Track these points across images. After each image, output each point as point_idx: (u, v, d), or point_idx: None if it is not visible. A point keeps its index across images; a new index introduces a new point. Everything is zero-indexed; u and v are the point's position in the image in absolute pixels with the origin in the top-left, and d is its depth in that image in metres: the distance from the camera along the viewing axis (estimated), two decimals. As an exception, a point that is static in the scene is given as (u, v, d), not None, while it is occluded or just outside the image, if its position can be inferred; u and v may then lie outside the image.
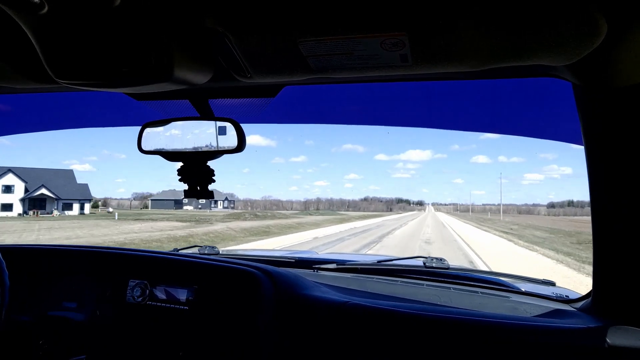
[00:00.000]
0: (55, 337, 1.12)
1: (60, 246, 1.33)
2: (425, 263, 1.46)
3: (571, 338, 0.85)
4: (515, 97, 1.11)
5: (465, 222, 41.11)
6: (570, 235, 20.68)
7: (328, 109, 1.35)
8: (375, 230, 22.40)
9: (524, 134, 1.35)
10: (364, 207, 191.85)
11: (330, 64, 0.69)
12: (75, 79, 0.62)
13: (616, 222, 0.83)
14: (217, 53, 0.70)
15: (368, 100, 1.25)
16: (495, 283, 1.35)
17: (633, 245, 0.81)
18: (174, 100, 1.00)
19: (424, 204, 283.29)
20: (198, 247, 1.75)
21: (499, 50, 0.63)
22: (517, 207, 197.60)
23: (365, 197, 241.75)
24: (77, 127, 1.66)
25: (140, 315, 1.12)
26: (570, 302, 1.16)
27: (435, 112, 1.32)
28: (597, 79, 0.75)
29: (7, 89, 0.91)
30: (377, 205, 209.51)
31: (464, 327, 0.93)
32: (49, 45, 0.59)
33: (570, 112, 0.89)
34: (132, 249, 1.33)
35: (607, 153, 0.81)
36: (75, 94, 1.17)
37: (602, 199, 0.85)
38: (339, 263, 1.48)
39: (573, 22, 0.56)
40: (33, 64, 0.70)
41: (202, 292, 1.09)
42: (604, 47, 0.62)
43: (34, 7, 0.49)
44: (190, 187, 0.94)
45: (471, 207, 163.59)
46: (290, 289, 1.10)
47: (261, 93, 0.97)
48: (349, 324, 1.00)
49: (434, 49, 0.63)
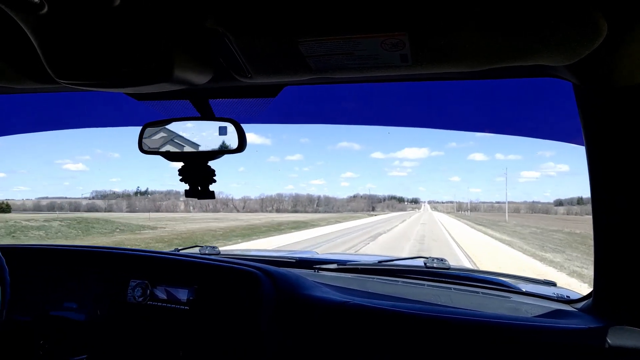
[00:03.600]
0: (56, 337, 1.12)
1: (61, 246, 1.33)
2: (425, 263, 1.46)
3: (572, 338, 0.85)
4: (515, 97, 1.11)
5: (490, 234, 20.55)
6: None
7: (328, 109, 1.35)
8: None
9: (524, 134, 1.35)
10: (337, 206, 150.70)
11: (331, 64, 0.69)
12: (75, 79, 0.62)
13: (617, 222, 0.83)
14: (217, 53, 0.70)
15: (368, 100, 1.25)
16: (496, 283, 1.35)
17: (634, 245, 0.81)
18: (174, 101, 1.00)
19: (420, 202, 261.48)
20: (199, 247, 1.75)
21: (499, 50, 0.63)
22: (530, 205, 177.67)
23: (355, 194, 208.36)
24: (77, 127, 1.66)
25: (141, 315, 1.12)
26: (571, 303, 1.16)
27: (435, 112, 1.32)
28: (598, 78, 0.75)
29: (7, 89, 0.91)
30: (358, 204, 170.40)
31: (464, 327, 0.93)
32: (49, 45, 0.59)
33: (571, 112, 0.89)
34: (133, 249, 1.33)
35: (608, 153, 0.81)
36: (75, 94, 1.17)
37: (603, 199, 0.85)
38: (340, 263, 1.48)
39: (573, 23, 0.56)
40: (33, 64, 0.70)
41: (202, 292, 1.09)
42: (604, 47, 0.62)
43: (34, 7, 0.49)
44: (191, 187, 0.94)
45: (469, 205, 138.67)
46: (291, 289, 1.10)
47: (262, 93, 0.97)
48: (350, 324, 1.00)
49: (434, 49, 0.63)
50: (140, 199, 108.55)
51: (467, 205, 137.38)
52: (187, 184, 0.94)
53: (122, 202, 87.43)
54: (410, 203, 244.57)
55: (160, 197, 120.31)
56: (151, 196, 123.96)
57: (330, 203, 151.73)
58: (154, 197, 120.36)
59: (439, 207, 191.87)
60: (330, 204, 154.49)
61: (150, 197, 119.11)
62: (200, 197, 0.95)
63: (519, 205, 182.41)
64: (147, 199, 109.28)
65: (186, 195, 0.95)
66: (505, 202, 77.79)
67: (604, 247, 0.87)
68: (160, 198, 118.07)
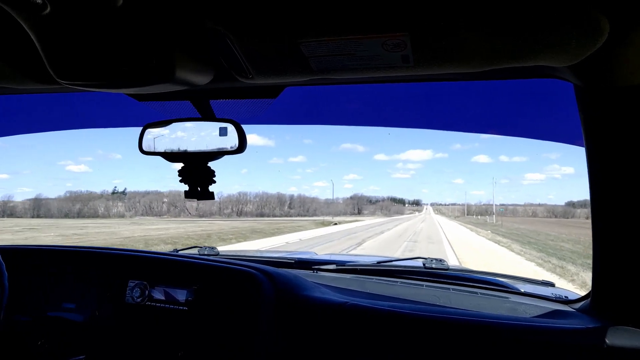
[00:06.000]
0: (54, 338, 1.12)
1: (60, 247, 1.33)
2: (424, 264, 1.46)
3: (570, 338, 0.85)
4: (516, 98, 1.11)
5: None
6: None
7: (329, 110, 1.36)
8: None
9: (525, 135, 1.35)
10: (314, 208, 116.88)
11: (332, 64, 0.70)
12: (76, 79, 0.62)
13: (616, 223, 0.83)
14: (218, 54, 0.70)
15: (369, 101, 1.25)
16: (495, 284, 1.35)
17: (632, 246, 0.81)
18: (175, 101, 1.00)
19: (422, 204, 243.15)
20: (197, 248, 1.75)
21: (500, 51, 0.63)
22: (550, 208, 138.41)
23: (354, 194, 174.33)
24: (78, 127, 1.66)
25: (139, 315, 1.12)
26: (570, 303, 1.16)
27: (437, 113, 1.32)
28: (599, 79, 0.75)
29: (8, 89, 0.91)
30: (337, 206, 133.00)
31: (463, 327, 0.93)
32: (51, 46, 0.59)
33: (571, 113, 0.89)
34: (132, 250, 1.33)
35: (608, 154, 0.82)
36: (76, 95, 1.17)
37: (603, 200, 0.85)
38: (339, 264, 1.48)
39: (575, 24, 0.56)
40: (34, 64, 0.70)
41: (201, 292, 1.09)
42: (605, 48, 0.62)
43: (36, 7, 0.49)
44: (190, 188, 0.94)
45: (494, 209, 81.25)
46: (290, 289, 1.10)
47: (262, 94, 0.97)
48: (349, 324, 1.00)
49: (436, 49, 0.63)
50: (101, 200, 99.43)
51: (493, 208, 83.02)
52: (186, 184, 0.94)
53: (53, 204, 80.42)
54: (411, 205, 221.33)
55: (138, 198, 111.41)
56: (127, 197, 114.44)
57: (306, 204, 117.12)
58: (130, 196, 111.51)
59: (442, 210, 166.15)
60: (306, 205, 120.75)
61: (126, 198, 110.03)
62: (200, 198, 0.95)
63: (535, 209, 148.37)
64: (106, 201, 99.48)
65: (186, 196, 0.95)
66: (508, 204, 59.98)
67: (603, 247, 0.88)
68: (139, 199, 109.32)
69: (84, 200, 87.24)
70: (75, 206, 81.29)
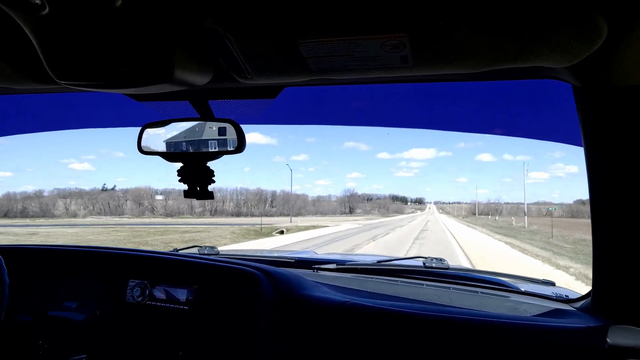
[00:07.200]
0: (55, 337, 1.12)
1: (60, 246, 1.33)
2: (425, 263, 1.46)
3: (571, 337, 0.85)
4: (515, 98, 1.11)
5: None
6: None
7: (328, 110, 1.35)
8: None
9: (524, 135, 1.35)
10: (299, 207, 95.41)
11: (331, 65, 0.69)
12: (75, 79, 0.62)
13: (616, 222, 0.83)
14: (217, 54, 0.70)
15: (368, 101, 1.25)
16: (495, 283, 1.35)
17: (632, 245, 0.82)
18: (174, 102, 1.00)
19: (425, 203, 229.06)
20: (198, 247, 1.75)
21: (499, 52, 0.63)
22: (570, 208, 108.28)
23: (356, 193, 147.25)
24: (77, 127, 1.66)
25: (140, 315, 1.12)
26: (570, 302, 1.16)
27: (435, 114, 1.32)
28: (598, 80, 0.75)
29: (7, 89, 0.91)
30: (329, 205, 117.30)
31: (463, 326, 0.93)
32: (50, 46, 0.59)
33: (570, 114, 0.89)
34: (132, 249, 1.33)
35: (607, 154, 0.82)
36: (75, 95, 1.17)
37: (602, 200, 0.85)
38: (339, 263, 1.48)
39: (574, 24, 0.56)
40: (33, 64, 0.70)
41: (201, 292, 1.09)
42: (604, 48, 0.62)
43: (35, 8, 0.49)
44: (190, 187, 0.94)
45: (525, 208, 37.99)
46: (290, 289, 1.10)
47: (261, 94, 0.97)
48: (349, 323, 1.00)
49: (435, 50, 0.63)
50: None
51: (525, 208, 42.54)
52: (186, 184, 0.95)
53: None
54: (414, 204, 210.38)
55: (125, 195, 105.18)
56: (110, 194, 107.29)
57: (289, 202, 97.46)
58: (111, 195, 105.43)
59: (447, 209, 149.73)
60: (289, 203, 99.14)
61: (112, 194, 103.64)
62: (199, 198, 0.95)
63: (571, 208, 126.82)
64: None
65: (185, 196, 0.95)
66: (512, 203, 47.13)
67: (603, 246, 0.88)
68: (125, 196, 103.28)
69: (31, 198, 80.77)
70: (17, 205, 75.09)
